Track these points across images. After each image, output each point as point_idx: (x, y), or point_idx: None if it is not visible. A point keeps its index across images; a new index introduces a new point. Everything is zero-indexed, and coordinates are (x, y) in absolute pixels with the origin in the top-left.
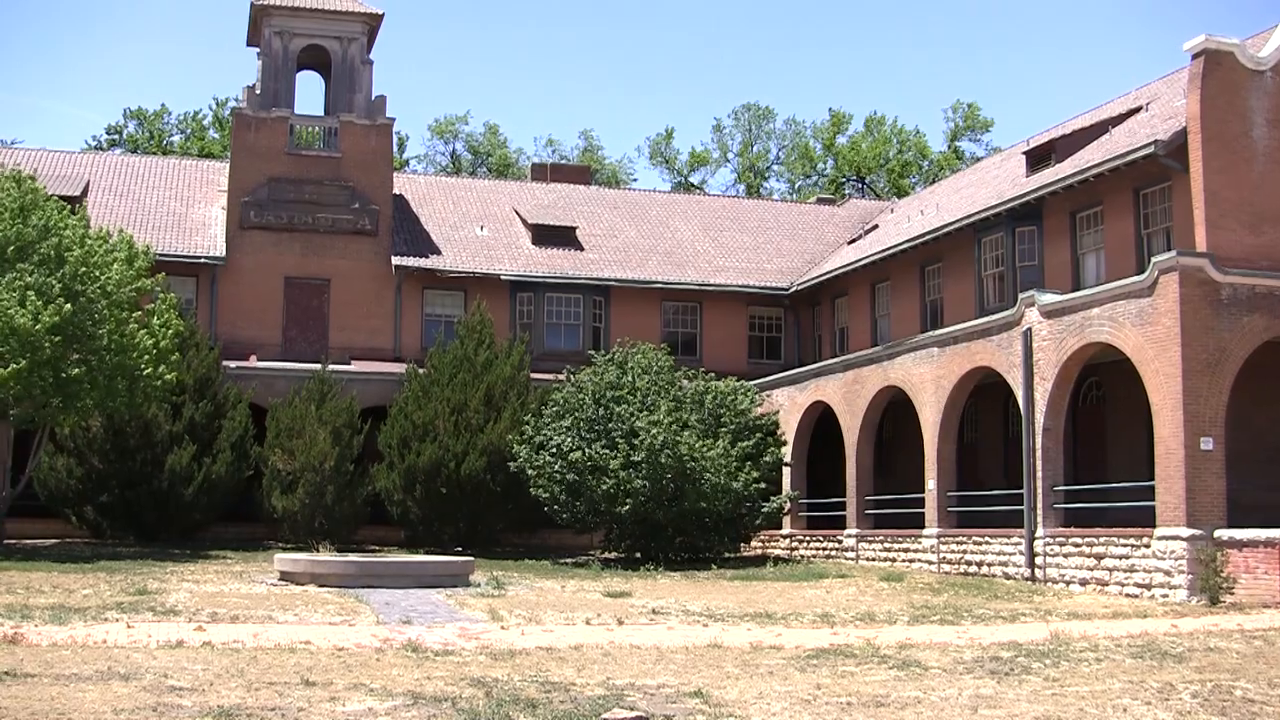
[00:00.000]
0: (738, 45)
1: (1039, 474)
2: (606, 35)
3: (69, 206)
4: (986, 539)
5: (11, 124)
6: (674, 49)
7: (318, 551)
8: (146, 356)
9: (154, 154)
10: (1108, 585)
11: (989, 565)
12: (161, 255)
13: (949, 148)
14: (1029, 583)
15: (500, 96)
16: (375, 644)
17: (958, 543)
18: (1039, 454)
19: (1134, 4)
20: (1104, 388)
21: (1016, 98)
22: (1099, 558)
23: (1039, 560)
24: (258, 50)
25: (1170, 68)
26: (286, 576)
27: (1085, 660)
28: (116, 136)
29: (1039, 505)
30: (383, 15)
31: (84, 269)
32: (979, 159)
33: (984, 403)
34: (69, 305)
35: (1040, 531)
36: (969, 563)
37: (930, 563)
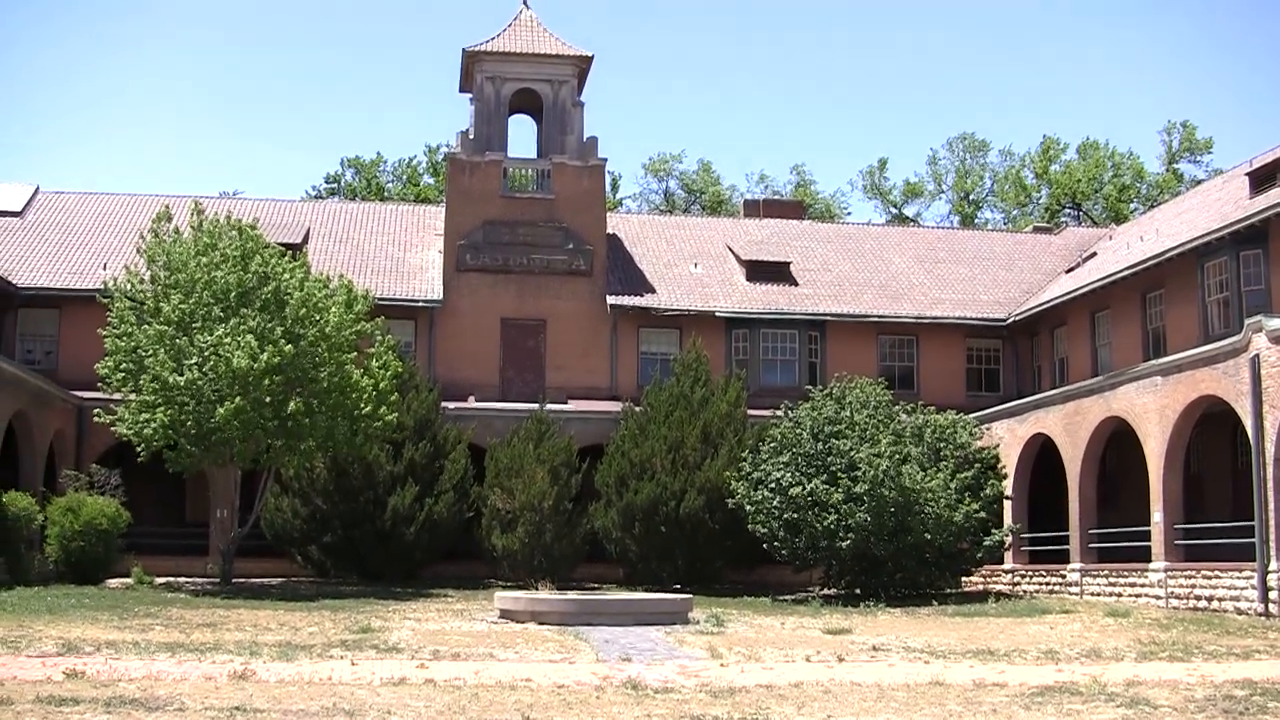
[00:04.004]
0: (948, 75)
1: (1271, 506)
2: (817, 69)
3: (290, 253)
4: (1216, 573)
5: (236, 175)
6: (884, 81)
7: (537, 589)
8: (366, 396)
9: (371, 201)
10: None
11: (1219, 600)
12: (380, 299)
13: (1167, 170)
14: (1263, 619)
15: (713, 133)
16: (595, 681)
17: (1186, 577)
18: (1270, 485)
19: None
20: None
21: (1236, 117)
22: None
23: (1273, 595)
24: (470, 96)
25: None
26: (507, 614)
27: None
28: (335, 185)
29: (1271, 538)
30: (592, 57)
31: (304, 313)
32: (1199, 181)
33: (1210, 432)
34: (289, 346)
35: (1274, 565)
36: (1198, 597)
37: (1157, 597)
